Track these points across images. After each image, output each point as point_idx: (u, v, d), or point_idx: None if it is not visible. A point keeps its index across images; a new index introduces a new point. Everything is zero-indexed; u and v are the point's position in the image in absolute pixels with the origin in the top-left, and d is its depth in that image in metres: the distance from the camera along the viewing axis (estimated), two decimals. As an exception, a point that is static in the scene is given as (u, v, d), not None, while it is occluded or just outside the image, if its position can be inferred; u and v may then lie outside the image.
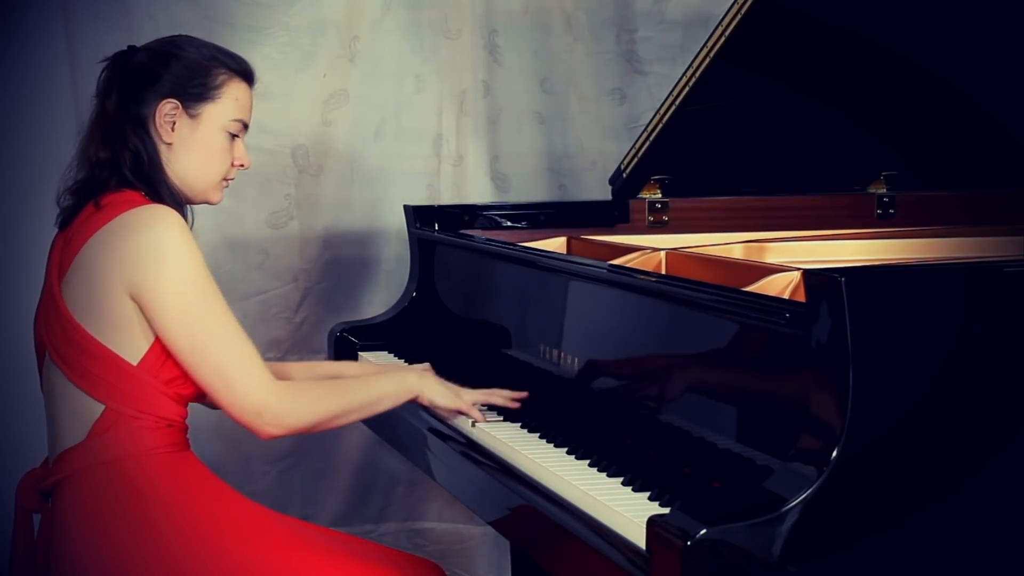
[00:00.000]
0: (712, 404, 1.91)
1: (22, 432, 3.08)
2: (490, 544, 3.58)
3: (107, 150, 2.10)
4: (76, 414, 2.03)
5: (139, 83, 2.12)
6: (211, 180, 2.17)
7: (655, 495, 1.78)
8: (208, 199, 2.20)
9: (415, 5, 3.46)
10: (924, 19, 2.55)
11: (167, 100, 2.11)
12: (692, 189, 2.99)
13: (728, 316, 1.86)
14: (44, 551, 2.03)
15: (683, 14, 3.55)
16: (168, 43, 2.17)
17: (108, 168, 2.09)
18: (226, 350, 2.01)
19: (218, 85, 2.15)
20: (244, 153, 2.21)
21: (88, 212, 2.07)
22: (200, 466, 2.10)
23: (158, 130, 2.12)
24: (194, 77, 2.13)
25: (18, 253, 3.25)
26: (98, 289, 2.01)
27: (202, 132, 2.14)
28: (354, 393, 2.17)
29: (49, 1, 3.24)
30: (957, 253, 2.60)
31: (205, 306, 2.01)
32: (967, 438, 1.65)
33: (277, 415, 2.03)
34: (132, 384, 2.02)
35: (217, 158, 2.16)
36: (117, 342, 2.01)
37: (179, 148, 2.13)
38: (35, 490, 2.07)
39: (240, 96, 2.17)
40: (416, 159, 3.51)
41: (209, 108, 2.14)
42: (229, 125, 2.16)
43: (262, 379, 2.03)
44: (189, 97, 2.12)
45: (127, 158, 2.09)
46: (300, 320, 3.46)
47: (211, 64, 2.15)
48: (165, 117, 2.11)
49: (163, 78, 2.12)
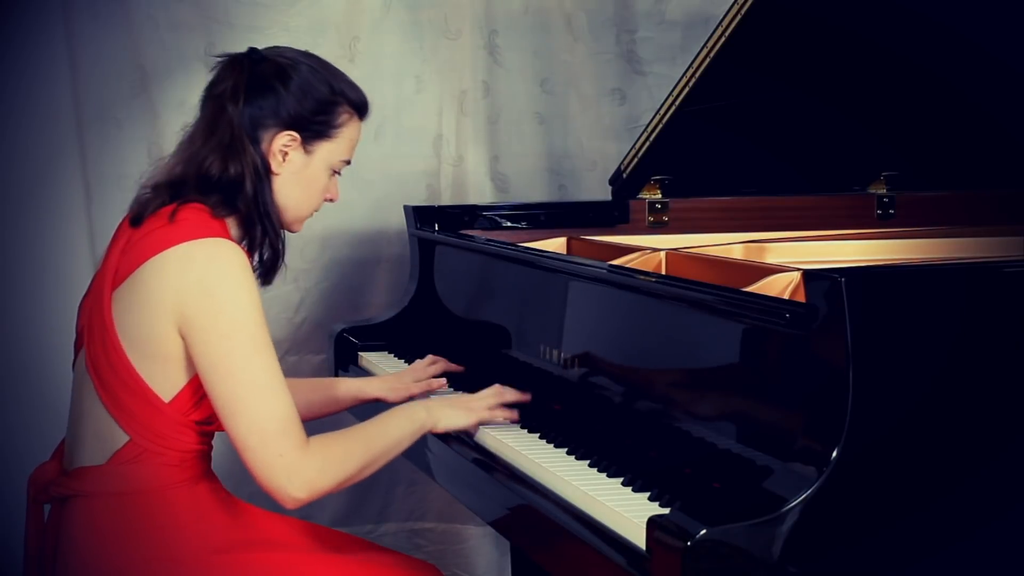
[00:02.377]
0: (712, 404, 1.91)
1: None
2: (490, 544, 3.58)
3: (231, 164, 2.00)
4: (99, 436, 1.98)
5: (264, 97, 2.03)
6: (304, 213, 2.12)
7: (655, 495, 1.78)
8: (291, 230, 2.13)
9: (415, 5, 3.46)
10: (924, 19, 2.55)
11: (286, 132, 2.03)
12: (692, 189, 2.99)
13: (728, 316, 1.86)
14: (53, 542, 2.02)
15: (683, 14, 3.54)
16: (295, 61, 2.06)
17: (224, 185, 2.00)
18: (265, 404, 1.91)
19: (339, 124, 2.08)
20: (337, 189, 2.15)
21: (160, 221, 1.98)
22: (218, 491, 2.05)
23: (268, 157, 2.04)
24: (318, 112, 2.05)
25: (18, 253, 3.26)
26: (148, 315, 1.93)
27: (312, 169, 2.07)
28: (378, 441, 2.04)
29: (49, 1, 3.23)
30: (957, 253, 2.60)
31: (252, 354, 1.91)
32: (967, 438, 1.65)
33: (308, 479, 1.91)
34: (160, 421, 1.96)
35: (317, 194, 2.11)
36: (154, 374, 1.95)
37: (283, 179, 2.06)
38: (47, 490, 2.03)
39: (354, 136, 2.12)
40: (416, 159, 3.51)
41: (325, 146, 2.07)
42: (337, 164, 2.11)
43: (298, 439, 1.92)
44: (309, 132, 2.05)
45: (252, 178, 2.01)
46: (300, 320, 3.46)
47: (336, 100, 2.07)
48: (281, 147, 2.04)
49: (287, 101, 2.03)
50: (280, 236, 2.08)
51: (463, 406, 2.18)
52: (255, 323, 1.92)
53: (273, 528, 2.10)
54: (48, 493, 2.04)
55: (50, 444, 2.16)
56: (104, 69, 3.27)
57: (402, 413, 2.14)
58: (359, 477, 2.01)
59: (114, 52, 3.28)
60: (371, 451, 2.02)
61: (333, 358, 2.91)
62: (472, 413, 2.17)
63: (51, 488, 2.03)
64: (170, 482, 1.98)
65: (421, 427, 2.12)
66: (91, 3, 3.25)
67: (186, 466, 2.00)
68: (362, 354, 2.84)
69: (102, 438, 1.98)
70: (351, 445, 2.01)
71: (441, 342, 2.68)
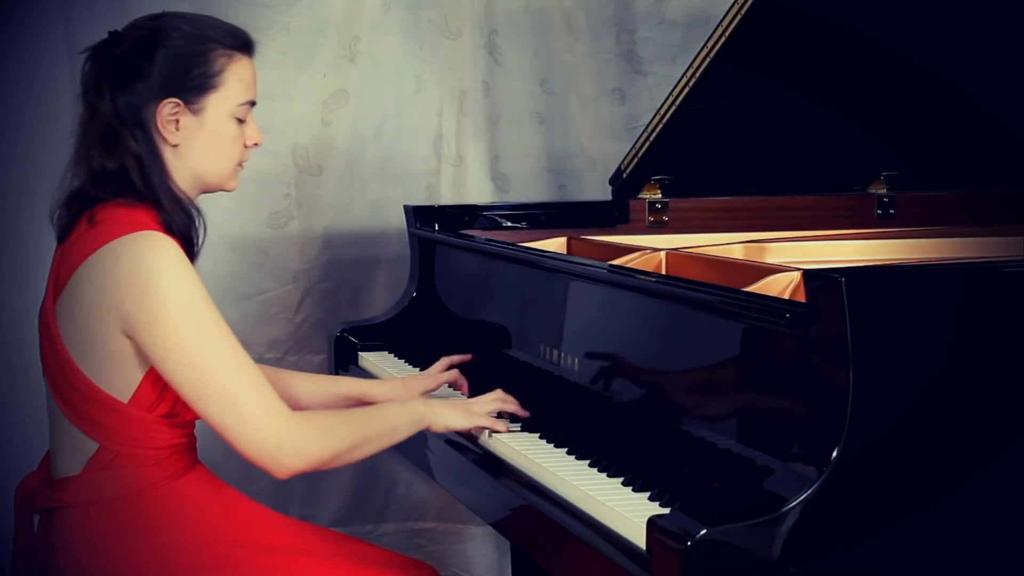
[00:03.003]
0: (712, 404, 1.91)
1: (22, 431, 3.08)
2: (490, 544, 3.58)
3: (110, 159, 1.95)
4: (71, 446, 1.96)
5: (130, 79, 1.96)
6: (226, 170, 2.04)
7: (655, 495, 1.78)
8: (225, 188, 2.06)
9: (415, 5, 3.46)
10: (924, 19, 2.55)
11: (167, 100, 1.95)
12: (692, 189, 2.99)
13: (728, 316, 1.86)
14: (44, 551, 2.01)
15: (683, 14, 3.55)
16: (153, 30, 1.98)
17: (114, 179, 1.95)
18: (232, 381, 1.87)
19: (218, 71, 1.98)
20: (256, 131, 2.05)
21: (82, 228, 1.95)
22: (207, 482, 2.02)
23: (161, 132, 1.97)
24: (191, 67, 1.96)
25: (18, 253, 3.26)
26: (89, 322, 1.90)
27: (209, 125, 1.99)
28: (371, 422, 2.03)
29: (49, 1, 3.23)
30: (957, 253, 2.60)
31: (205, 336, 1.87)
32: (967, 438, 1.65)
33: (296, 446, 1.88)
34: (125, 423, 1.92)
35: (229, 147, 2.01)
36: (107, 378, 1.91)
37: (186, 146, 1.98)
38: (32, 500, 2.02)
39: (244, 75, 2.02)
40: (416, 159, 3.51)
41: (213, 98, 1.98)
42: (237, 110, 2.01)
43: (277, 409, 1.89)
44: (189, 91, 1.96)
45: (134, 168, 1.95)
46: (300, 320, 3.46)
47: (206, 47, 1.97)
48: (167, 118, 1.96)
49: (156, 72, 1.95)
50: (187, 211, 2.00)
51: (463, 408, 2.17)
52: (199, 305, 1.88)
53: (270, 528, 2.08)
54: (34, 504, 2.02)
55: (40, 452, 2.15)
56: (104, 69, 3.27)
57: (402, 404, 2.14)
58: (350, 456, 1.98)
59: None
60: (364, 430, 2.00)
61: (333, 358, 2.91)
62: (472, 416, 2.16)
63: (36, 499, 2.01)
64: (151, 482, 1.95)
65: (420, 420, 2.11)
66: (91, 3, 3.25)
67: (164, 464, 1.96)
68: (362, 354, 2.84)
69: (74, 448, 1.95)
70: (342, 419, 2.00)
71: (441, 342, 2.68)
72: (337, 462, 1.97)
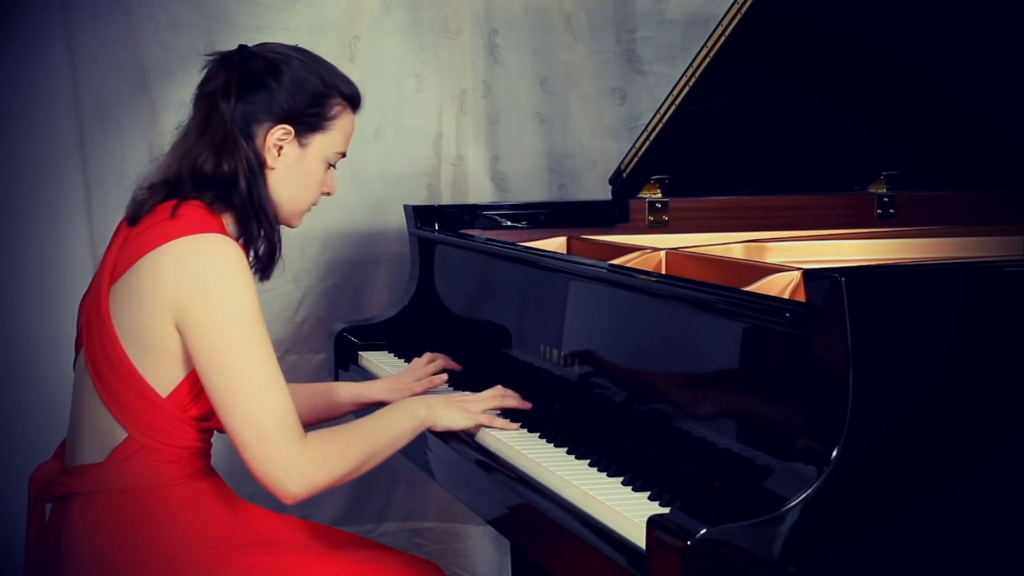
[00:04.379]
0: (712, 404, 1.91)
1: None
2: (490, 544, 3.58)
3: (225, 162, 2.01)
4: (99, 433, 1.99)
5: (256, 93, 2.04)
6: (301, 207, 2.11)
7: (655, 495, 1.78)
8: (289, 224, 2.13)
9: (415, 5, 3.46)
10: (924, 19, 2.55)
11: (281, 125, 2.04)
12: (692, 189, 2.99)
13: (728, 316, 1.86)
14: (54, 541, 2.02)
15: (683, 14, 3.55)
16: (286, 55, 2.07)
17: (217, 183, 2.00)
18: (262, 398, 1.91)
19: (333, 116, 2.09)
20: (334, 182, 2.15)
21: (161, 216, 1.98)
22: (217, 489, 2.05)
23: (263, 152, 2.04)
24: (311, 104, 2.06)
25: (18, 253, 3.26)
26: (144, 310, 1.94)
27: (307, 162, 2.08)
28: (377, 437, 2.05)
29: (49, 1, 3.24)
30: (957, 253, 2.60)
31: (247, 348, 1.91)
32: (967, 438, 1.65)
33: (305, 473, 1.92)
34: (158, 416, 1.96)
35: (314, 187, 2.11)
36: (151, 369, 1.95)
37: (279, 174, 2.06)
38: (48, 488, 2.04)
39: (348, 128, 2.12)
40: (416, 159, 3.51)
41: (319, 139, 2.08)
42: (332, 157, 2.11)
43: (295, 436, 1.92)
44: (303, 124, 2.05)
45: (245, 175, 2.01)
46: (300, 320, 3.46)
47: (329, 92, 2.08)
48: (275, 141, 2.04)
49: (279, 95, 2.04)
50: (276, 231, 2.08)
51: (463, 407, 2.18)
52: (251, 318, 1.93)
53: (274, 527, 2.11)
54: (48, 492, 2.04)
55: (51, 444, 2.17)
56: (104, 69, 3.28)
57: (402, 409, 2.14)
58: (358, 472, 2.01)
59: (114, 52, 3.28)
60: (370, 447, 2.03)
61: (333, 357, 2.91)
62: (472, 415, 2.17)
63: (51, 487, 2.03)
64: (168, 479, 1.98)
65: (421, 424, 2.13)
66: (91, 3, 3.25)
67: (184, 463, 2.00)
68: (362, 353, 2.84)
69: (101, 435, 1.98)
70: (349, 440, 2.01)
71: (441, 342, 2.68)
72: (342, 482, 2.00)
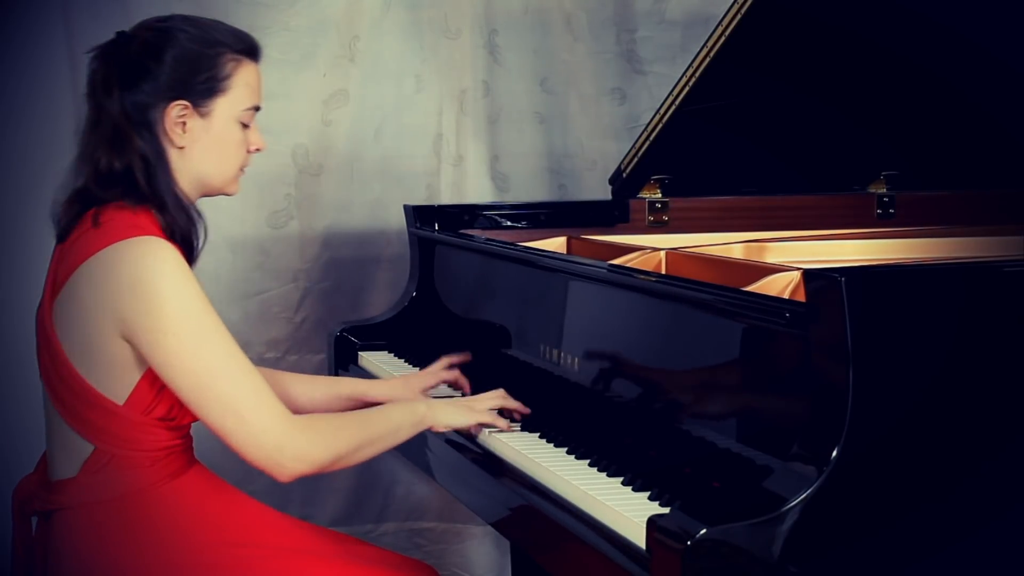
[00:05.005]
0: (712, 404, 1.91)
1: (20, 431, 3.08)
2: (490, 544, 3.58)
3: (117, 158, 1.95)
4: (67, 448, 1.96)
5: (139, 80, 1.96)
6: (229, 174, 2.04)
7: (655, 495, 1.78)
8: (226, 192, 2.07)
9: (415, 5, 3.47)
10: (924, 19, 2.55)
11: (175, 102, 1.96)
12: (692, 189, 2.99)
13: (728, 316, 1.86)
14: (42, 552, 2.00)
15: (683, 14, 3.55)
16: (161, 31, 1.99)
17: (119, 179, 1.95)
18: (234, 385, 1.87)
19: (227, 75, 1.99)
20: (259, 137, 2.07)
21: (85, 227, 1.95)
22: (205, 481, 2.02)
23: (168, 134, 1.97)
24: (199, 70, 1.97)
25: (18, 253, 3.26)
26: (86, 324, 1.90)
27: (216, 128, 1.99)
28: (373, 424, 2.03)
29: (49, 1, 3.23)
30: (957, 253, 2.60)
31: (202, 342, 1.87)
32: (967, 438, 1.65)
33: (299, 449, 1.89)
34: (120, 425, 1.92)
35: (233, 151, 2.02)
36: (103, 380, 1.91)
37: (192, 149, 1.99)
38: (29, 502, 2.02)
39: (251, 80, 2.03)
40: (416, 159, 3.51)
41: (220, 102, 1.99)
42: (243, 115, 2.02)
43: (278, 412, 1.89)
44: (198, 94, 1.97)
45: (140, 168, 1.95)
46: (300, 320, 3.46)
47: (215, 51, 1.99)
48: (175, 120, 1.97)
49: (164, 73, 1.95)
50: (189, 214, 2.00)
51: (464, 406, 2.17)
52: (199, 311, 1.88)
53: (270, 528, 2.08)
54: (31, 507, 2.02)
55: (37, 453, 2.15)
56: (104, 69, 3.27)
57: (403, 404, 2.14)
58: (353, 458, 1.98)
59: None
60: (366, 431, 2.01)
61: (333, 358, 2.91)
62: (473, 414, 2.16)
63: (33, 501, 2.01)
64: (147, 483, 1.94)
65: (421, 420, 2.11)
66: (91, 3, 3.25)
67: (161, 464, 1.96)
68: (362, 354, 2.84)
69: (69, 449, 1.95)
70: (345, 422, 2.00)
71: (441, 342, 2.68)
72: (339, 465, 1.97)
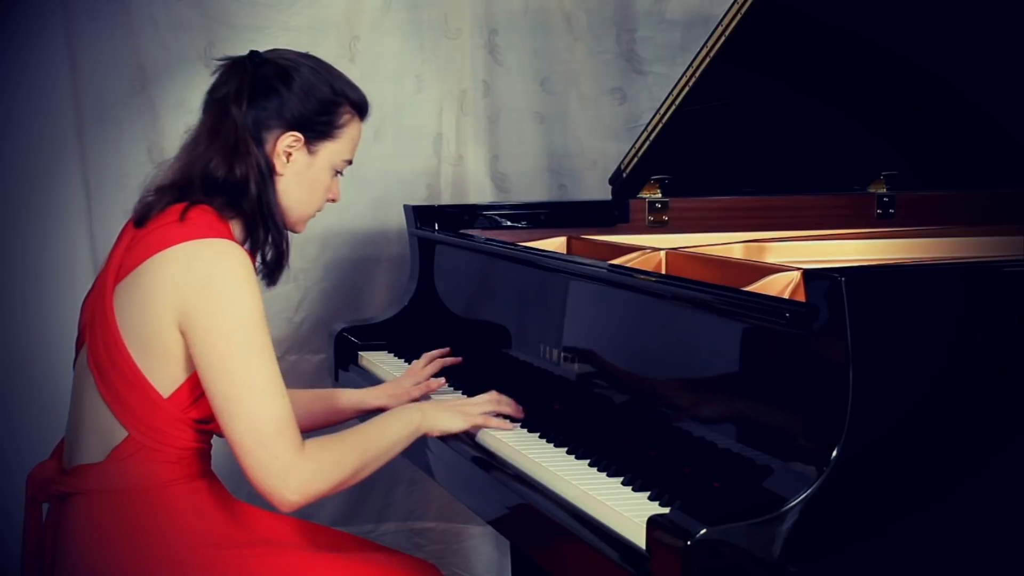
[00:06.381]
0: (712, 404, 1.91)
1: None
2: (490, 544, 3.58)
3: (236, 167, 2.02)
4: (98, 432, 1.99)
5: (267, 99, 2.05)
6: (307, 213, 2.13)
7: (655, 495, 1.78)
8: (294, 230, 2.15)
9: (415, 5, 3.46)
10: (924, 19, 2.55)
11: (292, 132, 2.05)
12: (692, 189, 2.99)
13: (728, 316, 1.86)
14: (52, 540, 2.02)
15: (683, 14, 3.55)
16: (296, 62, 2.08)
17: (227, 188, 2.01)
18: (263, 406, 1.91)
19: (342, 124, 2.10)
20: (339, 189, 2.16)
21: (170, 218, 1.99)
22: (216, 491, 2.05)
23: (273, 158, 2.06)
24: (321, 111, 2.07)
25: (19, 253, 3.26)
26: (149, 312, 1.94)
27: (315, 169, 2.09)
28: (371, 444, 2.06)
29: (49, 1, 3.24)
30: (957, 253, 2.60)
31: (250, 354, 1.91)
32: (967, 438, 1.65)
33: (302, 482, 1.92)
34: (158, 416, 1.96)
35: (320, 194, 2.12)
36: (153, 369, 1.95)
37: (287, 180, 2.07)
38: (46, 488, 2.04)
39: (356, 136, 2.14)
40: (416, 159, 3.51)
41: (328, 146, 2.09)
42: (339, 164, 2.12)
43: (294, 442, 1.93)
44: (313, 132, 2.07)
45: (256, 180, 2.02)
46: (300, 320, 3.46)
47: (338, 99, 2.09)
48: (285, 148, 2.05)
49: (290, 101, 2.05)
50: (284, 237, 2.10)
51: (458, 410, 2.19)
52: (255, 325, 1.93)
53: (273, 528, 2.11)
54: (47, 491, 2.04)
55: (49, 443, 2.17)
56: (104, 69, 3.27)
57: (397, 417, 2.15)
58: (353, 480, 2.01)
59: (114, 52, 3.28)
60: (366, 455, 2.03)
61: (333, 358, 2.91)
62: (467, 418, 2.18)
63: (50, 486, 2.03)
64: (168, 479, 1.99)
65: (416, 431, 2.13)
66: (91, 3, 3.25)
67: (183, 464, 2.00)
68: (362, 354, 2.84)
69: (101, 434, 1.99)
70: (346, 449, 2.02)
71: (441, 342, 2.68)
72: (339, 490, 2.01)
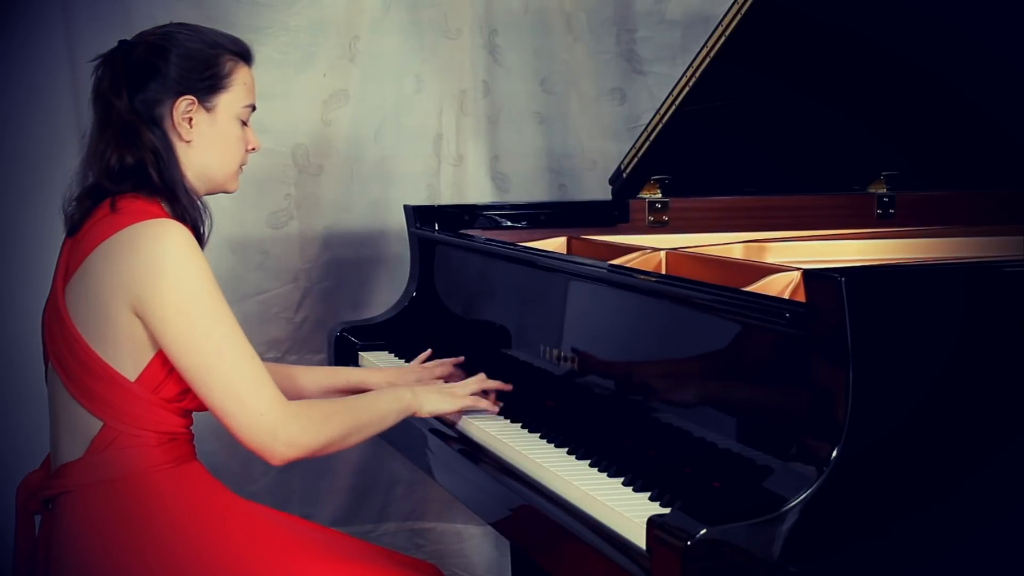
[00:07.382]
0: (712, 404, 1.91)
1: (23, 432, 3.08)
2: (490, 544, 3.58)
3: (129, 153, 2.04)
4: (75, 428, 2.00)
5: (147, 79, 2.06)
6: (230, 170, 2.14)
7: (655, 495, 1.79)
8: (227, 189, 2.16)
9: (415, 5, 3.47)
10: (924, 19, 2.55)
11: (183, 97, 2.06)
12: (692, 189, 2.99)
13: (728, 316, 1.86)
14: (45, 552, 2.02)
15: (683, 14, 3.55)
16: (164, 35, 2.10)
17: (130, 174, 2.03)
18: (235, 369, 1.95)
19: (227, 73, 2.10)
20: (254, 136, 2.18)
21: (102, 214, 2.02)
22: (206, 477, 2.06)
23: (176, 128, 2.07)
24: (203, 68, 2.08)
25: (18, 253, 3.26)
26: (101, 301, 1.96)
27: (220, 124, 2.10)
28: (363, 411, 2.12)
29: (49, 1, 3.24)
30: (957, 253, 2.60)
31: (211, 323, 1.94)
32: (967, 438, 1.65)
33: (292, 435, 1.97)
34: (129, 401, 1.97)
35: (235, 147, 2.13)
36: (116, 356, 1.97)
37: (198, 144, 2.08)
38: (36, 495, 2.05)
39: (247, 80, 2.14)
40: (416, 159, 3.51)
41: (223, 98, 2.10)
42: (241, 112, 2.13)
43: (275, 399, 1.97)
44: (203, 90, 2.08)
45: (151, 162, 2.04)
46: (300, 320, 3.46)
47: (216, 51, 2.10)
48: (183, 114, 2.06)
49: (171, 71, 2.06)
50: (196, 204, 2.10)
51: (447, 392, 2.25)
52: (208, 292, 1.96)
53: (271, 527, 2.09)
54: (36, 499, 2.05)
55: (42, 454, 2.16)
56: (104, 69, 3.27)
57: (389, 392, 2.22)
58: (342, 444, 2.06)
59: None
60: (356, 418, 2.09)
61: (333, 358, 2.91)
62: (456, 399, 2.24)
63: (39, 492, 2.04)
64: (151, 465, 1.99)
65: (407, 407, 2.19)
66: (91, 3, 3.25)
67: (165, 448, 2.00)
68: (362, 354, 2.84)
69: (77, 430, 2.00)
70: (335, 407, 2.08)
71: (441, 342, 2.68)
72: (329, 450, 2.05)
